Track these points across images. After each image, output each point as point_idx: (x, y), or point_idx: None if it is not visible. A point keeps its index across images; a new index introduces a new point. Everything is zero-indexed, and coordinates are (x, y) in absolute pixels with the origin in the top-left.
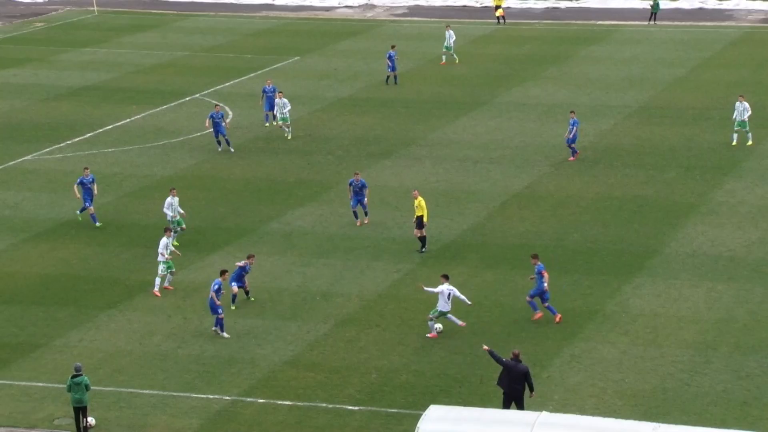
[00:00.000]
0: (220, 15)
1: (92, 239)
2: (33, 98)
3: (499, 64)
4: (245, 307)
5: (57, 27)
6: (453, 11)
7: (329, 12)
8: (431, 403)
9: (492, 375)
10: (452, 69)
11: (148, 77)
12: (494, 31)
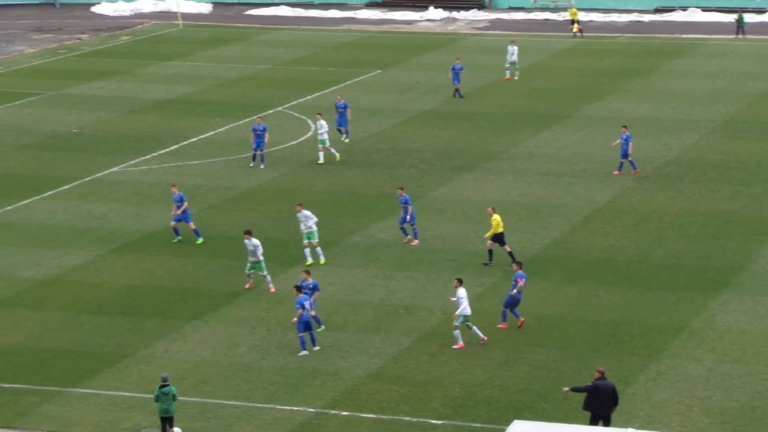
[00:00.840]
0: (303, 28)
1: (177, 251)
2: (119, 110)
3: (582, 78)
4: (329, 320)
5: (142, 40)
6: (535, 24)
7: (411, 25)
8: (515, 419)
9: None
10: (534, 82)
11: (230, 90)
12: (576, 45)
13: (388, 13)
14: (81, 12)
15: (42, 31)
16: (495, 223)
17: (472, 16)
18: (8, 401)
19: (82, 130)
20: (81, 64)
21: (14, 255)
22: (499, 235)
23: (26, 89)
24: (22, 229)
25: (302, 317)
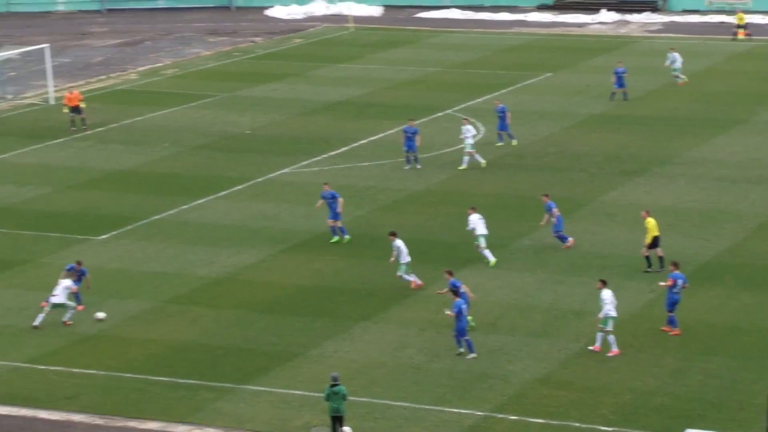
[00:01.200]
0: (473, 31)
1: (347, 252)
2: (291, 112)
3: (757, 82)
4: (497, 324)
5: (314, 43)
6: (710, 27)
7: (582, 28)
8: (687, 428)
9: (752, 401)
10: (707, 86)
11: (400, 93)
12: (751, 48)
13: (559, 16)
14: (255, 15)
15: (217, 33)
16: (650, 226)
17: (645, 18)
18: (183, 396)
19: (255, 132)
20: (255, 67)
21: (190, 253)
22: (655, 238)
23: (202, 91)
24: (197, 228)
25: (461, 321)
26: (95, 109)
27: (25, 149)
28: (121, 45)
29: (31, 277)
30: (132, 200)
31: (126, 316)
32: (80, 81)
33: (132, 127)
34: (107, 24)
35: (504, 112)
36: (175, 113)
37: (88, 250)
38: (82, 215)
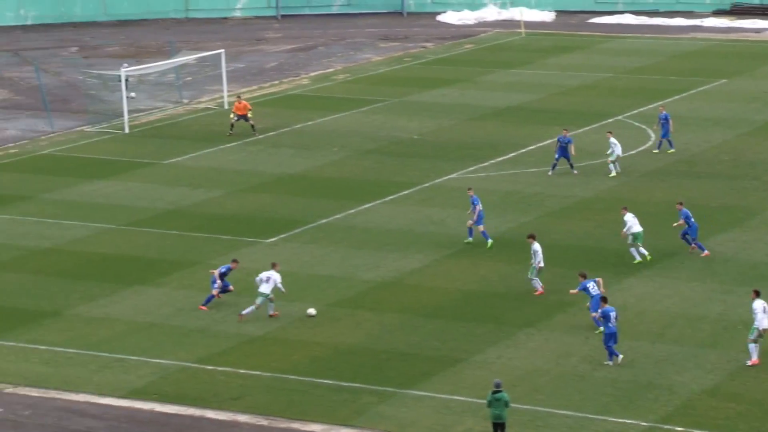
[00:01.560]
0: (646, 36)
1: (512, 257)
2: (459, 117)
3: None
4: (664, 333)
5: (485, 48)
6: None
7: (759, 34)
8: None
9: None
10: None
11: (571, 98)
12: None
13: (735, 21)
14: (427, 21)
15: (389, 39)
16: None
17: None
18: (346, 400)
19: (423, 137)
20: (425, 72)
21: (356, 257)
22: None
23: (372, 96)
24: (364, 232)
25: (609, 328)
26: (267, 113)
27: (198, 153)
28: (295, 50)
29: (201, 278)
30: (301, 204)
31: (292, 319)
32: (253, 86)
33: (302, 132)
34: (282, 30)
35: (667, 119)
36: (345, 118)
37: (257, 253)
38: (252, 218)
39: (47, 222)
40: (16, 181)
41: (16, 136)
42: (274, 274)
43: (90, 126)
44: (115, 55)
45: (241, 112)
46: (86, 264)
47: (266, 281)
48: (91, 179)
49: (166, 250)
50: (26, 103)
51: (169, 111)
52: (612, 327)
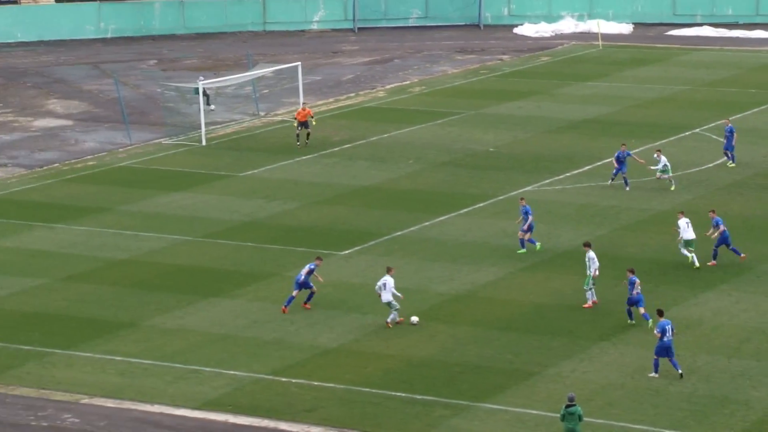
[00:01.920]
0: (725, 49)
1: (581, 271)
2: (535, 130)
3: None
4: (741, 348)
5: (561, 61)
6: None
7: None
8: None
9: None
10: None
11: (647, 111)
12: None
13: None
14: (503, 33)
15: (465, 52)
16: None
17: None
18: (419, 412)
19: (498, 149)
20: (501, 84)
21: (430, 269)
22: None
23: (447, 108)
24: (438, 245)
25: (663, 342)
26: (342, 126)
27: (274, 165)
28: (371, 63)
29: (276, 290)
30: (375, 216)
31: (366, 331)
32: (330, 98)
33: (378, 144)
34: (358, 42)
35: (732, 132)
36: (420, 130)
37: (332, 265)
38: (327, 230)
39: (124, 234)
40: (94, 193)
41: (95, 148)
42: (389, 279)
43: (167, 138)
44: (193, 67)
45: (302, 119)
46: (162, 275)
47: (384, 288)
48: (168, 191)
49: (241, 261)
50: (105, 115)
51: (246, 123)
52: (666, 341)
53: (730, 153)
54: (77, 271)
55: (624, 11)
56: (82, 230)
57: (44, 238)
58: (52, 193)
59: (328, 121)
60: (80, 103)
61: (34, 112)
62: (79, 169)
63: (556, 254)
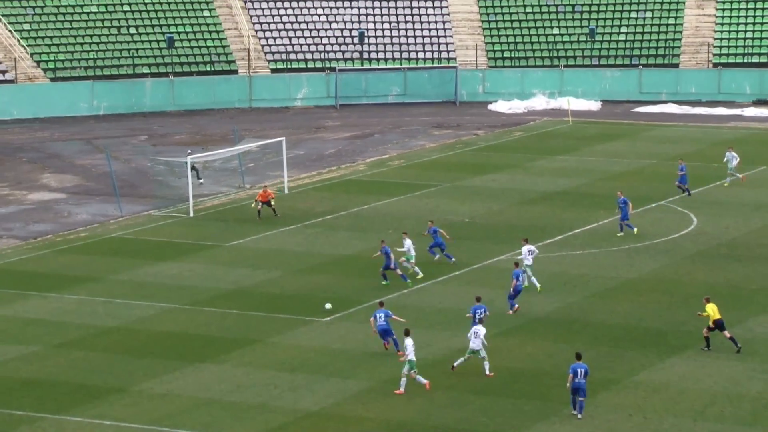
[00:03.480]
0: (689, 125)
1: (559, 336)
2: (509, 201)
3: None
4: (705, 412)
5: (534, 136)
6: None
7: None
8: None
9: None
10: None
11: (616, 183)
12: None
13: None
14: (478, 110)
15: (442, 127)
16: (711, 311)
17: None
18: None
19: (473, 220)
20: (476, 158)
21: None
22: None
23: (425, 180)
24: (416, 311)
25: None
26: (325, 197)
27: (259, 235)
28: (352, 138)
29: (260, 355)
30: (356, 284)
31: (346, 395)
32: (313, 171)
33: (359, 215)
34: (340, 118)
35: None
36: (399, 202)
37: (314, 331)
38: (310, 297)
39: (115, 302)
40: (85, 262)
41: (87, 220)
42: (481, 329)
43: (157, 210)
44: (182, 142)
45: (263, 200)
46: (151, 342)
47: (476, 336)
48: (157, 261)
49: (226, 328)
50: (97, 188)
51: (232, 195)
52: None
53: (625, 223)
54: (69, 338)
55: (593, 89)
56: (73, 299)
57: (38, 306)
58: (45, 263)
59: (311, 193)
60: (73, 177)
61: (29, 186)
62: (71, 240)
63: (529, 320)
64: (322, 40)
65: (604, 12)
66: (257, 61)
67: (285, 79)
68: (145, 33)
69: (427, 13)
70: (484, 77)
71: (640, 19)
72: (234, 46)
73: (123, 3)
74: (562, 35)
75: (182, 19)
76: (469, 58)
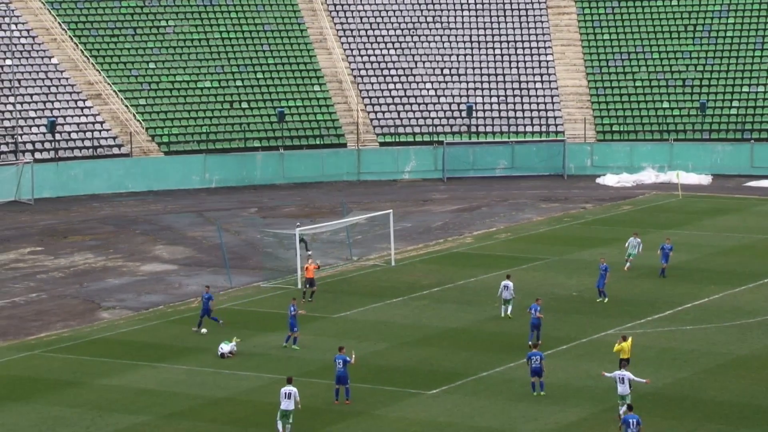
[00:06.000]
0: None
1: (668, 413)
2: (617, 276)
3: None
4: None
5: (642, 210)
6: None
7: None
8: None
9: None
10: None
11: (727, 258)
12: None
13: None
14: (586, 183)
15: (550, 200)
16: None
17: None
18: None
19: (581, 294)
20: (583, 232)
21: (514, 409)
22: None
23: (532, 254)
24: (523, 385)
25: None
26: (432, 270)
27: (366, 307)
28: (459, 210)
29: (365, 428)
30: (462, 357)
31: None
32: (419, 244)
33: (465, 288)
34: (447, 191)
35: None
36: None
37: (419, 404)
38: (415, 370)
39: (223, 373)
40: (195, 333)
41: (198, 291)
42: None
43: (265, 282)
44: (291, 215)
45: (309, 275)
46: (258, 413)
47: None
48: (265, 332)
49: (332, 400)
50: (207, 260)
51: (340, 267)
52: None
53: (602, 290)
54: (178, 409)
55: (703, 163)
56: (183, 369)
57: (148, 376)
58: (156, 333)
59: (418, 265)
60: (185, 249)
61: (141, 258)
62: (182, 311)
63: (638, 395)
64: (431, 113)
65: (716, 86)
66: (366, 134)
67: (393, 153)
68: (257, 107)
69: (536, 86)
70: (593, 151)
71: (752, 93)
72: (343, 120)
73: (235, 78)
74: (672, 109)
75: (293, 94)
76: (578, 131)
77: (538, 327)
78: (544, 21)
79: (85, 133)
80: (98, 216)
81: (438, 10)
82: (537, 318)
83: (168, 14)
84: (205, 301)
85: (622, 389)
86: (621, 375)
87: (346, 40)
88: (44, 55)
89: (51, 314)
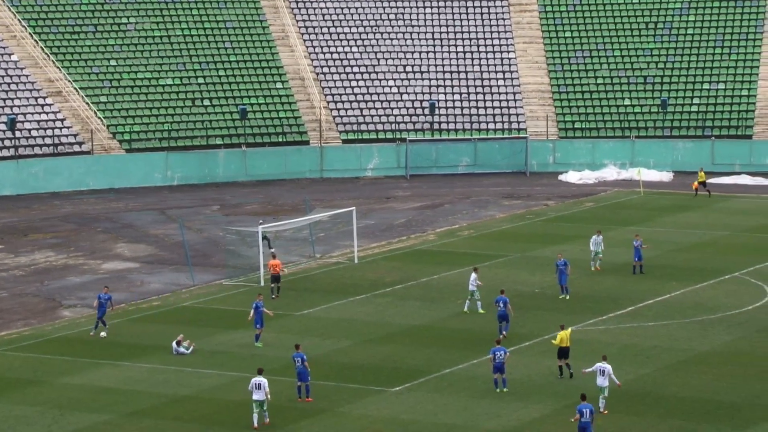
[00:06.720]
0: (763, 196)
1: (631, 409)
2: (579, 272)
3: None
4: None
5: (604, 206)
6: None
7: None
8: None
9: None
10: None
11: (688, 255)
12: None
13: None
14: (549, 180)
15: (512, 197)
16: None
17: None
18: None
19: (543, 290)
20: (546, 229)
21: (477, 406)
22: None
23: (495, 251)
24: (485, 382)
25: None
26: (395, 267)
27: (329, 304)
28: (422, 208)
29: (329, 425)
30: (425, 354)
31: None
32: (382, 241)
33: (428, 285)
34: (410, 188)
35: (566, 264)
36: (469, 272)
37: (383, 401)
38: (379, 367)
39: (186, 371)
40: (158, 331)
41: (160, 289)
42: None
43: (228, 279)
44: (254, 212)
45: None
46: (221, 411)
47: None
48: (227, 330)
49: (295, 397)
50: (170, 258)
51: (303, 265)
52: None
53: (564, 286)
54: (140, 407)
55: (665, 160)
56: (145, 367)
57: (110, 375)
58: (118, 331)
59: (381, 263)
60: (147, 247)
61: (103, 256)
62: (144, 309)
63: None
64: (393, 111)
65: (676, 83)
66: (328, 131)
67: (356, 150)
68: (219, 105)
69: (498, 84)
70: (555, 148)
71: (712, 90)
72: (306, 117)
73: (197, 75)
74: (633, 106)
75: (255, 91)
76: (540, 128)
77: (506, 318)
78: (506, 18)
79: (45, 130)
80: (59, 214)
81: (400, 8)
82: (503, 310)
83: (129, 11)
84: (103, 302)
85: (601, 381)
86: (602, 367)
87: (308, 37)
88: (3, 52)
89: (12, 312)
